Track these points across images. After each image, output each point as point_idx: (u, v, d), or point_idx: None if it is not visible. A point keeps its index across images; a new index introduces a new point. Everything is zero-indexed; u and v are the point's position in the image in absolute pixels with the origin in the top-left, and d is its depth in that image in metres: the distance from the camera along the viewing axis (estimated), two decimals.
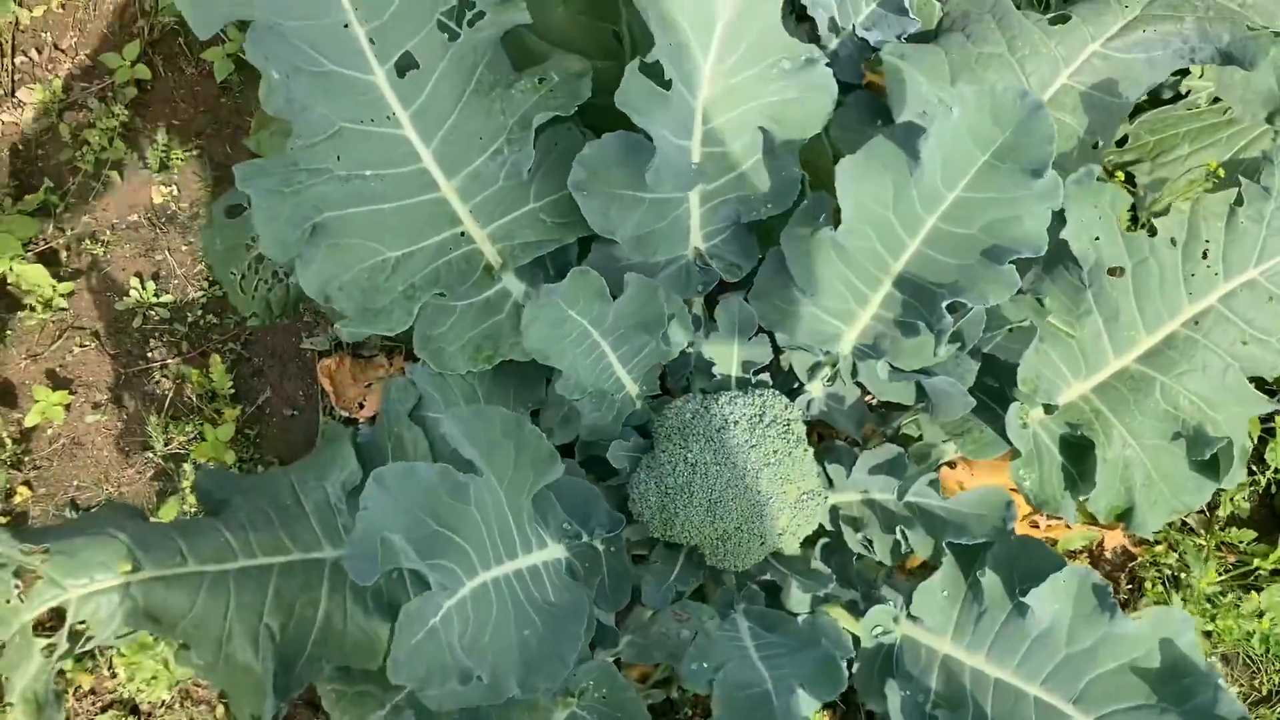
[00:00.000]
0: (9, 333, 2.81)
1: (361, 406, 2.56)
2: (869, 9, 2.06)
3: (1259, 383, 1.92)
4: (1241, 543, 2.53)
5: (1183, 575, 2.53)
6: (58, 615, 1.65)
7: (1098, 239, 1.83)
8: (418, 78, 1.74)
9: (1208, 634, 2.48)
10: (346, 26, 1.68)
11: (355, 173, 1.72)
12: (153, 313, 2.85)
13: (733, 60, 1.79)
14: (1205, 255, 1.86)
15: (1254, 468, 2.59)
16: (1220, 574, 2.52)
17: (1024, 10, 1.98)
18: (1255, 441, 2.56)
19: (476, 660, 1.45)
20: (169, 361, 2.82)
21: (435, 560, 1.43)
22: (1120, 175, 2.72)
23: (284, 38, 1.64)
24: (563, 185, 1.87)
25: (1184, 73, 2.62)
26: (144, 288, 2.86)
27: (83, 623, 1.64)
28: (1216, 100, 2.66)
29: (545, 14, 1.92)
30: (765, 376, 2.07)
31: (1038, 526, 2.52)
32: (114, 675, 2.51)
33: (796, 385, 2.05)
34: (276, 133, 2.19)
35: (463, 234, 1.84)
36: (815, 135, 1.90)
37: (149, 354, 2.83)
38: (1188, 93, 2.73)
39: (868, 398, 2.11)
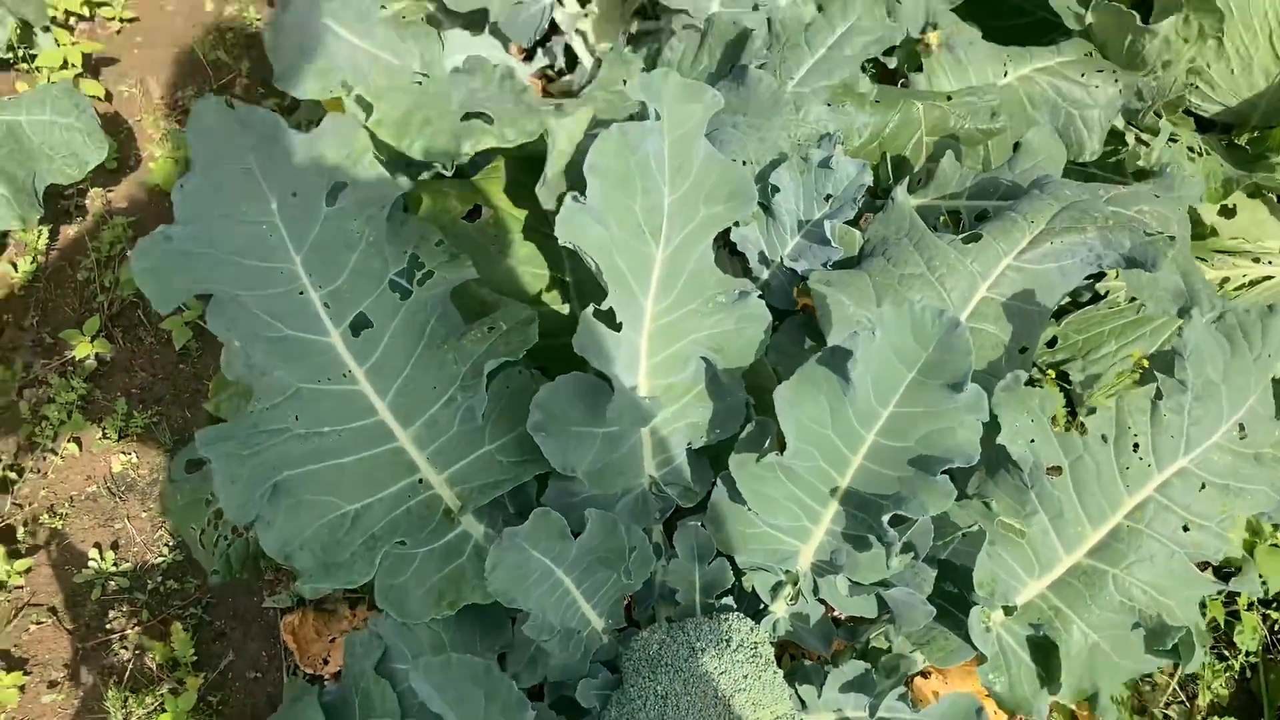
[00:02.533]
0: None
1: (326, 662, 2.52)
2: (794, 241, 2.19)
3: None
4: None
5: None
6: None
7: (1033, 441, 1.89)
8: (372, 336, 1.82)
9: None
10: (302, 294, 1.77)
11: (314, 430, 1.77)
12: (111, 582, 2.82)
13: (671, 298, 1.90)
14: (1136, 449, 1.92)
15: (1226, 652, 2.59)
16: None
17: (938, 232, 2.10)
18: (1223, 625, 2.58)
19: None
20: (128, 631, 2.77)
21: None
22: (1051, 374, 2.84)
23: (244, 307, 1.73)
24: (516, 425, 1.93)
25: (1100, 274, 2.78)
26: (103, 558, 2.85)
27: None
28: (1134, 298, 2.82)
29: (492, 267, 2.03)
30: (729, 600, 2.08)
31: None
32: None
33: (761, 607, 2.06)
34: (235, 394, 2.24)
35: (421, 481, 1.88)
36: (758, 360, 1.99)
37: (108, 625, 2.79)
38: (1107, 293, 2.88)
39: (833, 612, 2.12)
